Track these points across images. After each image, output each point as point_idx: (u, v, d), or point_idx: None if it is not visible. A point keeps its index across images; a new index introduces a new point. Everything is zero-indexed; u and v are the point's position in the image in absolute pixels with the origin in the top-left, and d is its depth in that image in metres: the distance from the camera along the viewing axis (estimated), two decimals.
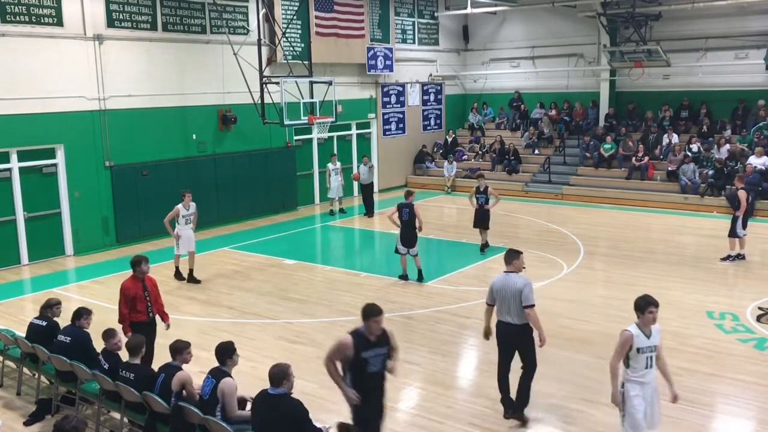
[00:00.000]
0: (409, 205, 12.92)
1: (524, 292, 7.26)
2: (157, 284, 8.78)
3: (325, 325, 10.78)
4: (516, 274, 7.47)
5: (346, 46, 21.30)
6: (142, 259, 8.55)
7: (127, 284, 8.47)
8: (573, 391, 8.31)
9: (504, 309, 7.43)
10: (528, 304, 7.27)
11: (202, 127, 18.04)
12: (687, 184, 19.69)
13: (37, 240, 15.14)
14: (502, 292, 7.42)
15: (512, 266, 7.51)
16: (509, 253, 7.65)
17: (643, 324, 6.22)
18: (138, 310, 8.39)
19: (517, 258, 7.54)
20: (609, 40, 22.51)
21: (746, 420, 7.81)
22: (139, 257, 8.62)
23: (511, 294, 7.32)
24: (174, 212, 13.28)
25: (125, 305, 8.35)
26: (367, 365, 6.17)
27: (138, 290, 8.42)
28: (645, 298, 6.26)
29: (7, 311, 11.87)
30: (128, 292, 8.37)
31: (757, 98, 20.94)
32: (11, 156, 14.70)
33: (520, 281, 7.36)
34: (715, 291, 12.21)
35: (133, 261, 8.60)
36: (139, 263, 8.51)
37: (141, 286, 8.46)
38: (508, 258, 7.62)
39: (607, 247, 15.69)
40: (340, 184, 19.86)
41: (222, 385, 6.29)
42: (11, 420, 7.89)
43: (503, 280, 7.47)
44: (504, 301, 7.40)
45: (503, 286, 7.42)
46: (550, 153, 23.49)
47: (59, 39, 15.01)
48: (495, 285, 7.53)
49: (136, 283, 8.46)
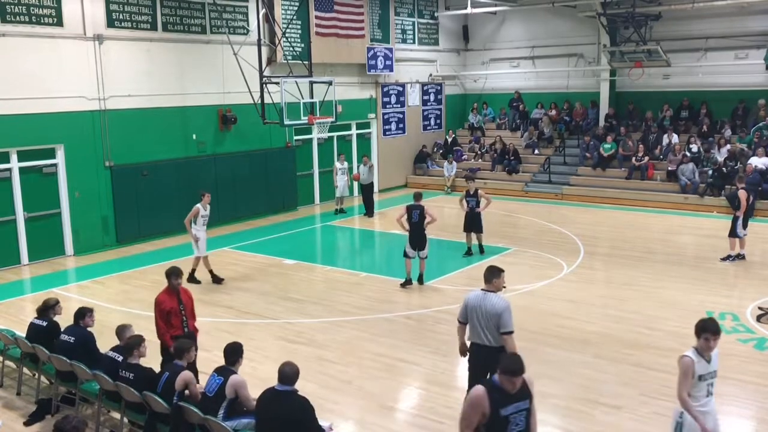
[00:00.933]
0: (419, 207, 12.67)
1: (503, 317, 6.64)
2: (192, 298, 8.36)
3: (325, 325, 10.78)
4: (495, 294, 6.80)
5: (346, 46, 21.30)
6: (178, 272, 8.15)
7: (162, 298, 8.03)
8: (573, 391, 8.31)
9: (477, 330, 6.80)
10: (506, 330, 6.65)
11: (202, 127, 18.04)
12: (687, 184, 19.69)
13: (37, 240, 15.14)
14: (477, 312, 6.78)
15: (492, 285, 6.85)
16: (490, 271, 6.93)
17: (702, 349, 5.61)
18: (173, 325, 7.96)
19: (498, 276, 6.86)
20: (609, 40, 22.51)
21: (746, 420, 7.81)
22: (175, 269, 8.18)
23: (488, 315, 6.70)
24: (194, 212, 13.04)
25: (161, 319, 7.93)
26: (508, 426, 4.93)
27: (173, 304, 8.00)
28: (703, 323, 5.65)
29: (7, 311, 11.87)
30: (163, 306, 7.95)
31: (757, 98, 20.94)
32: (11, 156, 14.69)
33: (500, 304, 6.70)
34: (715, 291, 12.21)
35: (168, 271, 8.13)
36: (175, 275, 8.09)
37: (176, 299, 8.04)
38: (488, 275, 6.90)
39: (607, 247, 15.70)
40: (345, 183, 19.89)
41: (233, 381, 6.34)
42: (11, 420, 7.89)
43: (480, 298, 6.82)
44: (478, 322, 6.79)
45: (479, 304, 6.78)
46: (550, 153, 23.49)
47: (59, 39, 15.01)
48: (469, 302, 6.89)
49: (171, 297, 8.03)
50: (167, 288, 8.08)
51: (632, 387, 8.37)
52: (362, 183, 19.69)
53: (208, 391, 6.45)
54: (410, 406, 8.21)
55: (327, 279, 13.63)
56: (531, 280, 13.04)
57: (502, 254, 15.01)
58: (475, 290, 6.94)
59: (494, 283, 6.83)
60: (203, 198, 13.21)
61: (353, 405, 8.16)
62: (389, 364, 9.30)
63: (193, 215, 13.05)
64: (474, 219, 14.82)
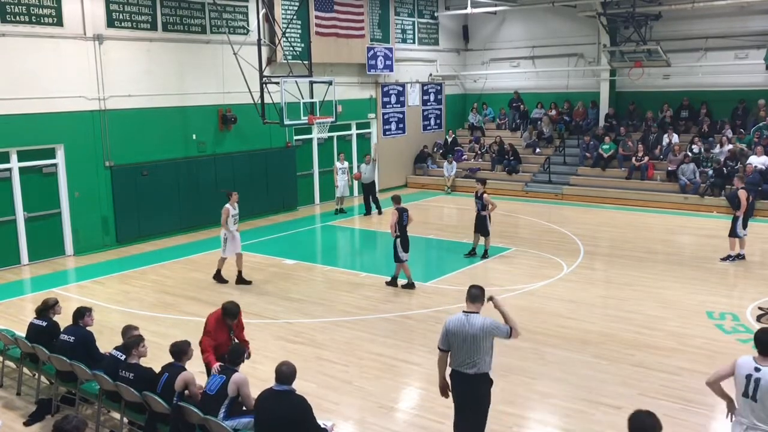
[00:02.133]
0: (406, 209, 12.73)
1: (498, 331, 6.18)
2: (243, 326, 7.91)
3: (325, 325, 10.78)
4: (478, 315, 6.22)
5: (346, 46, 21.30)
6: (234, 313, 7.58)
7: (213, 326, 7.56)
8: (573, 391, 8.30)
9: (459, 357, 6.22)
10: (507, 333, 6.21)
11: (202, 127, 18.04)
12: (687, 184, 19.69)
13: (37, 240, 15.14)
14: (458, 337, 6.17)
15: (474, 306, 6.29)
16: (477, 290, 6.35)
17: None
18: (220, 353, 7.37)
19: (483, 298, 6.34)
20: (609, 40, 22.51)
21: None
22: (232, 309, 7.58)
23: (474, 338, 6.12)
24: (226, 213, 12.86)
25: (209, 347, 7.43)
26: None
27: (224, 337, 7.55)
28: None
29: (7, 311, 11.87)
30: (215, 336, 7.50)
31: (757, 98, 20.93)
32: (11, 156, 14.69)
33: (489, 322, 6.17)
34: (715, 291, 12.21)
35: (230, 309, 7.57)
36: (233, 315, 7.58)
37: (227, 332, 7.61)
38: (471, 296, 6.33)
39: (607, 247, 15.70)
40: (346, 183, 19.90)
41: (236, 379, 6.36)
42: (11, 420, 7.88)
43: (461, 321, 6.21)
44: (460, 348, 6.18)
45: (460, 329, 6.17)
46: (550, 153, 23.49)
47: (59, 39, 15.01)
48: (449, 327, 6.25)
49: (223, 329, 7.58)
50: (220, 318, 7.60)
51: (632, 387, 8.37)
52: (363, 182, 19.70)
53: (210, 389, 6.46)
54: (410, 406, 8.21)
55: (327, 279, 13.63)
56: (531, 280, 13.05)
57: (502, 254, 15.01)
58: (456, 314, 6.34)
59: (477, 304, 6.30)
60: (231, 197, 13.03)
61: (353, 405, 8.15)
62: (389, 364, 9.30)
63: (226, 216, 12.87)
64: (479, 221, 14.77)
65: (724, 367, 5.52)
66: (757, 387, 5.25)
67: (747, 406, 5.31)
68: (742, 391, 5.33)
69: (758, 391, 5.25)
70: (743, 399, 5.32)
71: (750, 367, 5.32)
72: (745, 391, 5.30)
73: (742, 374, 5.33)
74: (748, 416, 5.32)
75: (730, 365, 5.44)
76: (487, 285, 12.68)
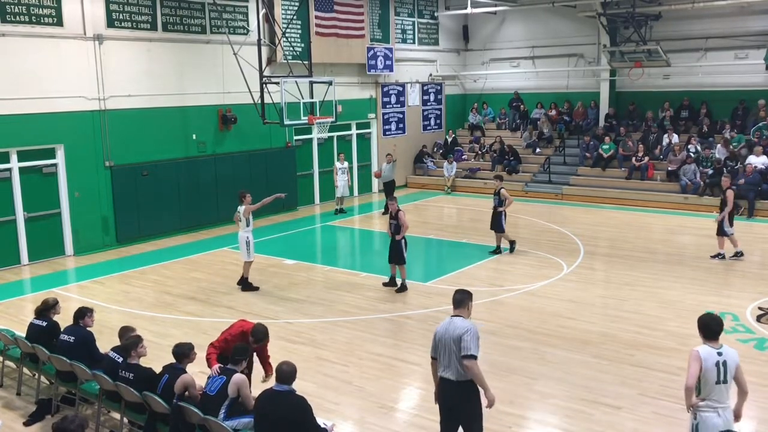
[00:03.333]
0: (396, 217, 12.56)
1: (464, 338, 5.83)
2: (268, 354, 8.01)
3: (325, 325, 10.78)
4: (461, 318, 6.06)
5: (346, 46, 21.30)
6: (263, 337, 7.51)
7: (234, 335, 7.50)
8: (573, 391, 8.31)
9: (444, 361, 6.04)
10: (467, 353, 5.83)
11: (202, 127, 18.04)
12: (687, 184, 19.69)
13: (37, 240, 15.14)
14: (442, 341, 6.03)
15: (461, 310, 6.12)
16: (460, 294, 6.19)
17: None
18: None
19: (469, 300, 6.19)
20: (609, 40, 22.50)
21: (746, 420, 7.78)
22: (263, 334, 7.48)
23: (451, 340, 5.93)
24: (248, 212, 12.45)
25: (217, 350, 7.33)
26: None
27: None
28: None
29: (7, 311, 11.87)
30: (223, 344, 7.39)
31: (757, 98, 20.94)
32: (11, 156, 14.69)
33: (465, 325, 5.94)
34: (715, 291, 12.21)
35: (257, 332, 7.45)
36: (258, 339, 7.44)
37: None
38: (458, 299, 6.17)
39: (607, 247, 15.70)
40: (346, 183, 19.89)
41: (236, 380, 6.36)
42: (11, 420, 7.89)
43: (446, 325, 6.08)
44: (443, 352, 6.02)
45: (443, 333, 6.04)
46: (550, 153, 23.49)
47: (59, 39, 15.01)
48: (438, 333, 6.12)
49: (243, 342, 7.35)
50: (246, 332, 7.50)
51: (632, 387, 8.37)
52: (383, 181, 19.73)
53: (210, 390, 6.46)
54: (410, 406, 8.21)
55: (327, 279, 13.63)
56: (531, 280, 13.05)
57: (502, 254, 15.01)
58: (445, 319, 6.23)
59: (461, 309, 6.13)
60: (245, 199, 12.59)
61: (353, 405, 8.16)
62: (389, 364, 9.30)
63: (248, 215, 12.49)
64: (494, 218, 14.86)
65: (693, 367, 5.59)
66: (726, 369, 5.56)
67: (721, 390, 5.56)
68: (715, 380, 5.53)
69: (727, 372, 5.57)
70: (716, 386, 5.54)
71: (714, 355, 5.57)
72: (718, 379, 5.53)
73: (712, 364, 5.54)
74: (722, 399, 5.58)
75: (696, 362, 5.57)
76: (487, 285, 12.79)
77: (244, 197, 12.69)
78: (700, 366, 5.56)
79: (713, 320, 5.73)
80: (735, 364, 5.61)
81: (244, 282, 12.88)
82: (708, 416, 5.59)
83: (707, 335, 5.70)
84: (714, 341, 5.67)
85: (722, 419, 5.57)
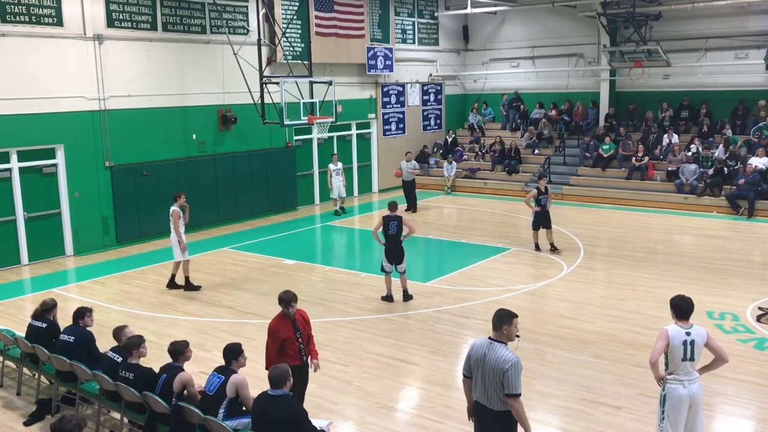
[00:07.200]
0: (397, 218, 11.73)
1: (508, 375, 5.38)
2: (309, 320, 7.54)
3: (325, 325, 10.78)
4: (503, 346, 5.53)
5: (346, 46, 21.31)
6: (291, 298, 7.23)
7: (275, 325, 7.19)
8: (573, 391, 8.31)
9: (480, 387, 5.62)
10: (511, 392, 5.40)
11: (202, 127, 18.04)
12: (683, 183, 19.66)
13: (37, 240, 15.14)
14: (481, 365, 5.57)
15: (501, 333, 5.57)
16: (501, 316, 5.61)
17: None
18: (288, 354, 7.10)
19: (510, 323, 5.56)
20: (609, 40, 22.50)
21: (746, 420, 7.81)
22: (289, 294, 7.27)
23: (492, 371, 5.48)
24: (176, 215, 12.55)
25: (274, 351, 7.08)
26: None
27: (289, 332, 7.15)
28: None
29: (7, 311, 11.87)
30: (278, 335, 7.11)
31: (757, 98, 20.93)
32: (11, 156, 14.69)
33: (508, 357, 5.43)
34: (715, 291, 12.20)
35: (282, 297, 7.25)
36: (288, 302, 7.20)
37: (291, 326, 7.20)
38: (497, 322, 5.60)
39: (607, 247, 15.69)
40: (341, 184, 19.88)
41: (234, 381, 6.35)
42: (11, 420, 7.89)
43: (485, 348, 5.58)
44: (482, 377, 5.58)
45: (483, 357, 5.56)
46: (550, 153, 23.49)
47: (59, 39, 15.01)
48: (473, 352, 5.65)
49: (286, 324, 7.20)
50: (281, 314, 7.27)
51: (632, 387, 8.37)
52: (404, 179, 19.75)
53: (209, 389, 6.46)
54: (410, 406, 8.21)
55: (327, 279, 13.63)
56: (531, 280, 13.05)
57: (502, 254, 15.01)
58: (482, 338, 5.74)
59: (504, 330, 5.56)
60: (179, 199, 12.64)
61: (353, 405, 8.16)
62: (389, 364, 9.30)
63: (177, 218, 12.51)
64: (547, 216, 14.99)
65: (659, 344, 6.07)
66: (693, 347, 6.03)
67: (686, 366, 6.05)
68: (681, 357, 6.03)
69: (695, 351, 6.04)
70: (682, 363, 6.04)
71: (682, 334, 6.04)
72: (684, 356, 6.03)
73: (679, 342, 6.02)
74: (688, 373, 6.08)
75: (663, 340, 6.05)
76: (488, 285, 12.79)
77: (179, 197, 12.72)
78: (666, 343, 6.03)
79: (684, 301, 6.18)
80: (703, 342, 6.07)
81: (187, 283, 12.73)
82: (674, 388, 6.09)
83: (678, 315, 6.15)
84: (684, 321, 6.12)
85: (687, 390, 6.07)
